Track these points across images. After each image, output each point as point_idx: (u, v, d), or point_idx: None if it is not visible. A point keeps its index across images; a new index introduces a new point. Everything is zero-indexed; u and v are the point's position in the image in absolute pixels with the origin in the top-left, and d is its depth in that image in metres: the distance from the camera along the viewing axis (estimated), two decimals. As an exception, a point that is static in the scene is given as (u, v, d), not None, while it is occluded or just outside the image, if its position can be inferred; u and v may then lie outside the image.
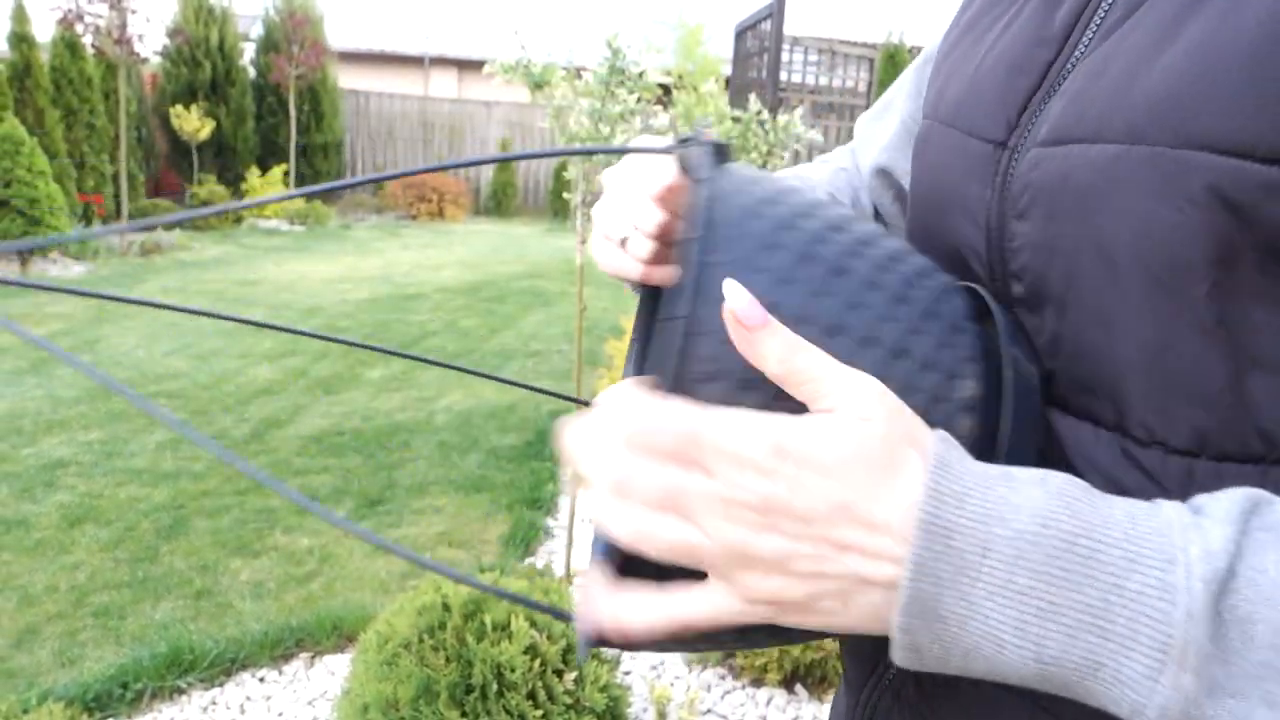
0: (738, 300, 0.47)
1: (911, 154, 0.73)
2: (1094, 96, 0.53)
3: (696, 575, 0.47)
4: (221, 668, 2.88)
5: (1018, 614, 0.42)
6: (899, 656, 0.46)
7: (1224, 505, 0.44)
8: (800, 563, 0.45)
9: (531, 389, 0.54)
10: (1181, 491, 0.50)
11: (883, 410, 0.46)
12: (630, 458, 0.46)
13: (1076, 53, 0.56)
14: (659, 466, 0.46)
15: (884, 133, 0.88)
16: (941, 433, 0.46)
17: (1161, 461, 0.51)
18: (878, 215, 0.90)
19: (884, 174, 0.88)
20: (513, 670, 2.08)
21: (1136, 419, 0.52)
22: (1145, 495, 0.50)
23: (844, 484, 0.45)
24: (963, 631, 0.44)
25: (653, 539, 0.46)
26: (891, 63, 13.25)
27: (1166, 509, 0.44)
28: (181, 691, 2.79)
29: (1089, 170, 0.51)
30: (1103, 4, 0.56)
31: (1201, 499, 0.45)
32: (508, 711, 2.06)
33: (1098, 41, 0.55)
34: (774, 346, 0.47)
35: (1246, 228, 0.46)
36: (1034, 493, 0.44)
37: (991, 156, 0.60)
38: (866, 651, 0.69)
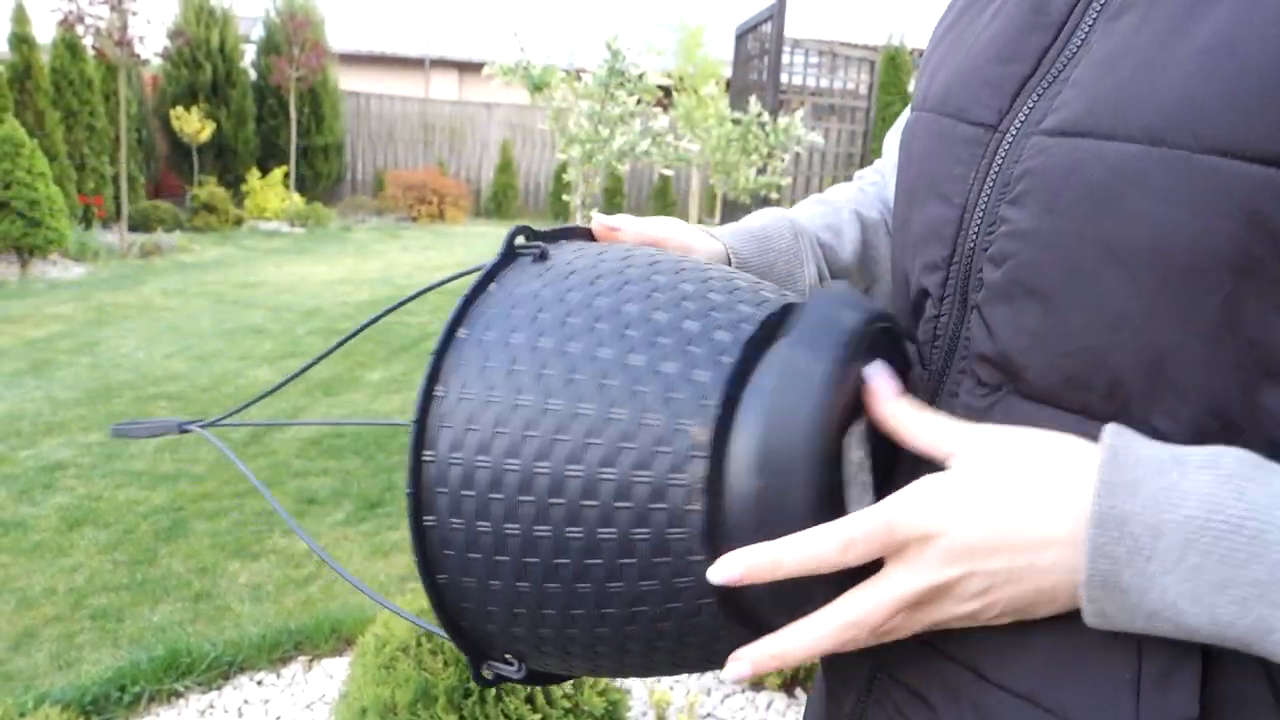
0: (878, 379, 0.55)
1: (899, 150, 0.72)
2: (1106, 91, 0.51)
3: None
4: (219, 671, 2.87)
5: (1192, 587, 0.46)
6: (1089, 618, 0.50)
7: None
8: (1001, 591, 0.52)
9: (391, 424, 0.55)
10: None
11: (1015, 446, 0.52)
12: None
13: (1075, 39, 0.55)
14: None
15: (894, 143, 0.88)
16: (1115, 426, 0.50)
17: None
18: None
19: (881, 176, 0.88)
20: (511, 674, 2.07)
21: (1138, 416, 0.51)
22: None
23: (1008, 525, 0.50)
24: (1143, 600, 0.48)
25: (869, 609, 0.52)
26: (892, 65, 13.25)
27: None
28: (179, 694, 2.78)
29: (1101, 166, 0.50)
30: None
31: None
32: (505, 715, 2.05)
33: (1100, 29, 0.54)
34: (898, 402, 0.55)
35: (1270, 237, 0.46)
36: (1203, 477, 0.47)
37: (980, 140, 0.59)
38: (850, 661, 0.68)
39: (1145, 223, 0.48)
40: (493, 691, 2.05)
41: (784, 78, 8.27)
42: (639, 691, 2.78)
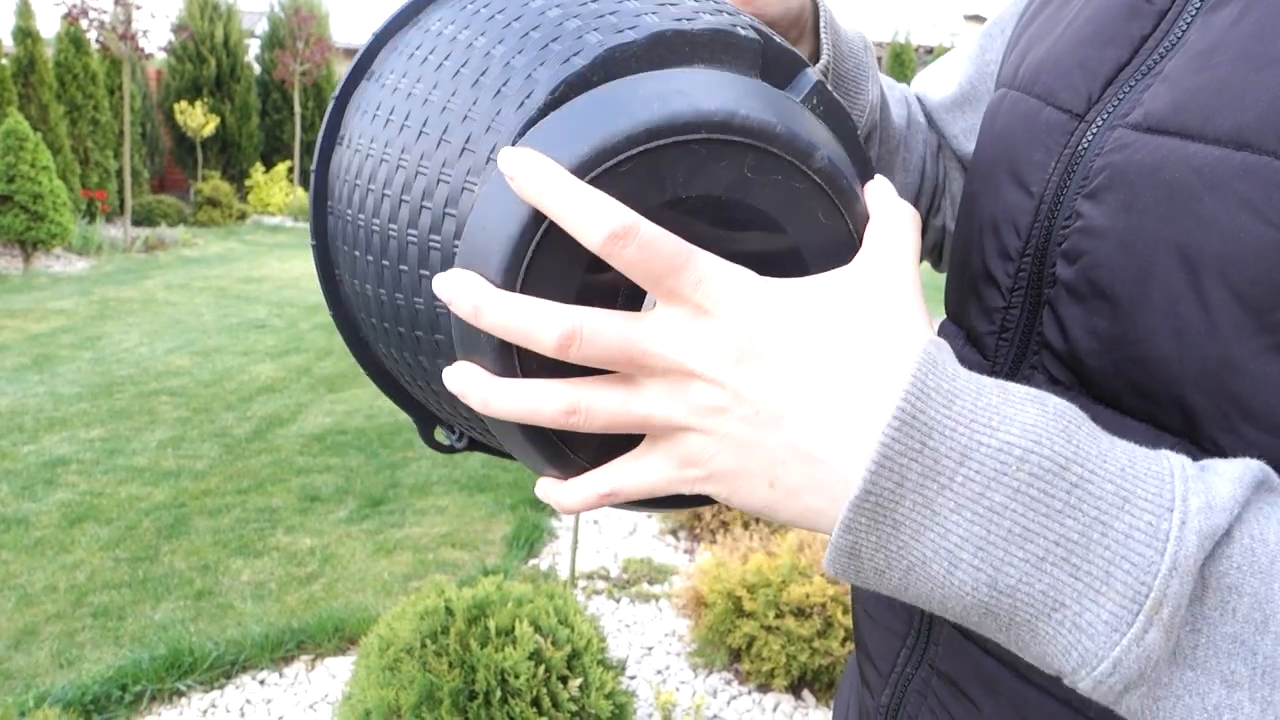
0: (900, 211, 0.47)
1: (980, 126, 0.69)
2: (1197, 87, 0.49)
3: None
4: (221, 670, 2.85)
5: (983, 532, 0.38)
6: (830, 560, 0.41)
7: (1235, 468, 0.40)
8: (737, 423, 0.41)
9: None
10: None
11: (889, 278, 0.44)
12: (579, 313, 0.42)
13: (1175, 29, 0.52)
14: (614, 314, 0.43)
15: (940, 67, 0.85)
16: (936, 338, 0.42)
17: None
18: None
19: (918, 100, 0.86)
20: (517, 677, 2.05)
21: (1205, 433, 0.48)
22: None
23: (814, 343, 0.41)
24: (915, 541, 0.39)
25: (593, 412, 0.43)
26: (898, 61, 13.24)
27: (1171, 457, 0.40)
28: (181, 694, 2.76)
29: (1184, 168, 0.47)
30: None
31: (1210, 461, 0.42)
32: (512, 719, 2.03)
33: (1200, 21, 0.51)
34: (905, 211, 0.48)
35: None
36: (1029, 409, 0.39)
37: (1064, 128, 0.56)
38: (888, 653, 0.67)
39: (1218, 230, 0.46)
40: (498, 694, 2.03)
41: (790, 74, 8.25)
42: (645, 693, 2.76)
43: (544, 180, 0.40)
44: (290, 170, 14.45)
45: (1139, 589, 0.37)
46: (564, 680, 2.13)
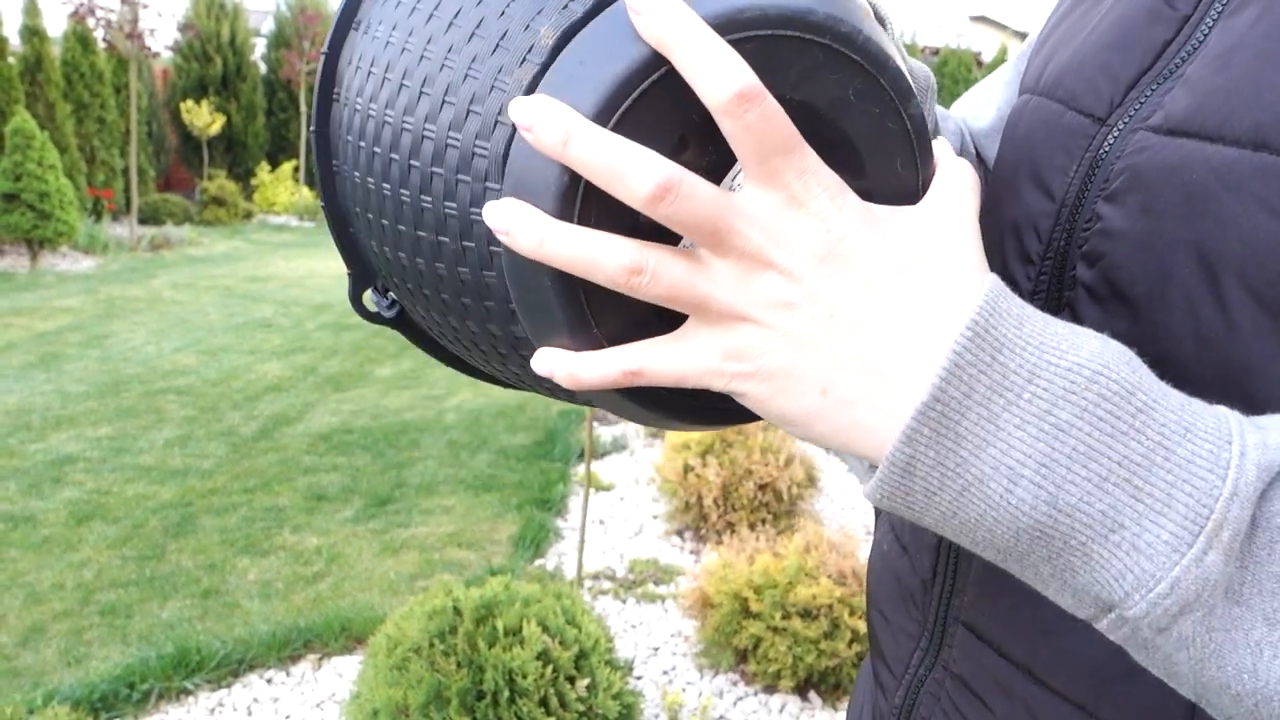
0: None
1: (1003, 132, 0.69)
2: (1216, 89, 0.49)
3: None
4: (229, 669, 2.85)
5: (1048, 449, 0.38)
6: (881, 479, 0.40)
7: None
8: (803, 321, 0.41)
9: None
10: None
11: (969, 215, 0.45)
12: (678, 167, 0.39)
13: (1197, 34, 0.52)
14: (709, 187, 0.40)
15: (976, 93, 0.85)
16: (995, 275, 0.43)
17: None
18: None
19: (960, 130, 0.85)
20: (524, 677, 2.05)
21: None
22: None
23: (898, 257, 0.42)
24: (975, 457, 0.39)
25: (659, 276, 0.41)
26: (904, 62, 13.19)
27: (1223, 407, 0.41)
28: (188, 693, 2.76)
29: (1203, 169, 0.47)
30: None
31: (1258, 417, 0.42)
32: (519, 718, 2.03)
33: (1220, 25, 0.51)
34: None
35: None
36: (1094, 340, 0.40)
37: (1086, 132, 0.56)
38: (902, 654, 0.67)
39: (1237, 230, 0.46)
40: (506, 694, 2.03)
41: (796, 75, 8.25)
42: (651, 694, 2.76)
43: (678, 21, 0.38)
44: (296, 169, 14.46)
45: (1201, 511, 0.37)
46: (571, 680, 2.13)
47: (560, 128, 0.39)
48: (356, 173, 0.50)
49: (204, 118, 13.52)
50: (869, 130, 0.44)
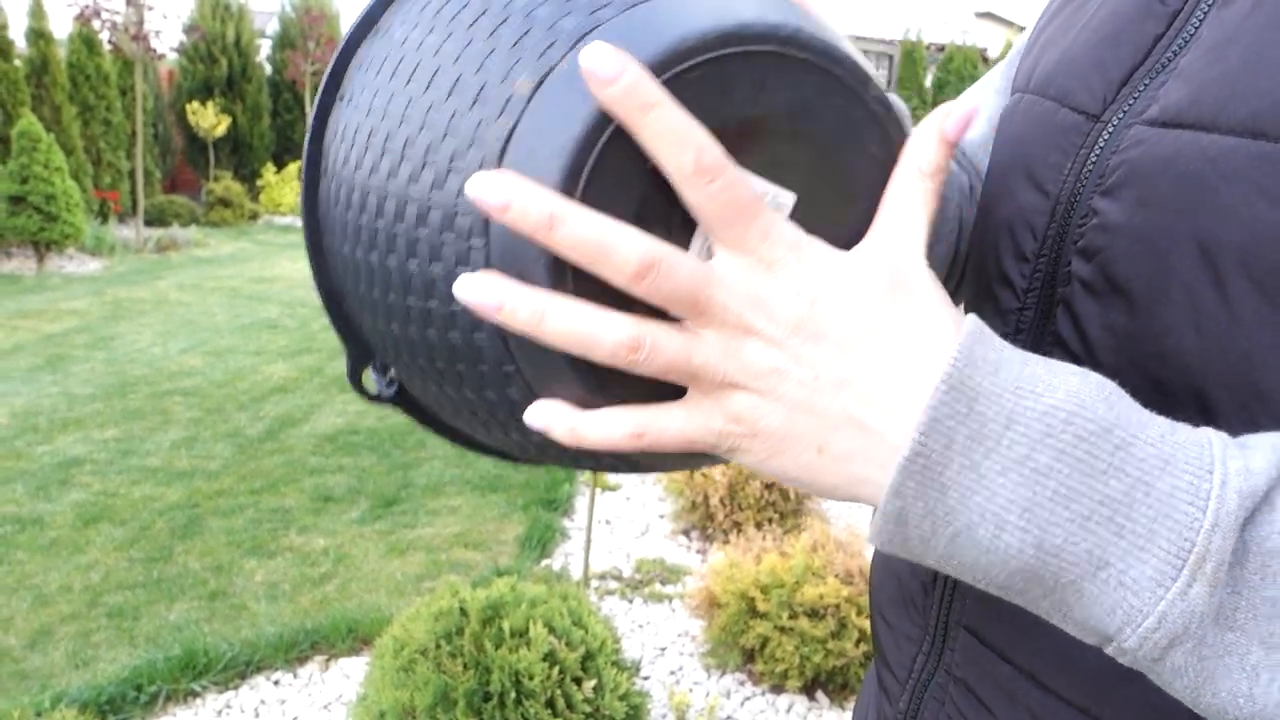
0: (962, 107, 0.46)
1: (995, 129, 0.69)
2: (1211, 79, 0.49)
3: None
4: (236, 670, 2.85)
5: (1030, 494, 0.39)
6: (877, 529, 0.42)
7: (1270, 438, 0.41)
8: (792, 386, 0.41)
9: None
10: None
11: (922, 264, 0.44)
12: (658, 244, 0.40)
13: (1188, 27, 0.52)
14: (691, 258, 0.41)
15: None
16: (973, 316, 0.43)
17: None
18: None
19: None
20: (531, 678, 2.05)
21: (1225, 428, 0.47)
22: None
23: (869, 314, 0.42)
24: (962, 506, 0.40)
25: (657, 352, 0.41)
26: (910, 59, 13.19)
27: (1208, 430, 0.41)
28: (196, 694, 2.76)
29: (1200, 159, 0.47)
30: None
31: (1246, 436, 0.42)
32: (525, 719, 2.03)
33: (1212, 17, 0.51)
34: (944, 154, 0.46)
35: None
36: (1071, 378, 0.40)
37: (1080, 128, 0.56)
38: (905, 659, 0.67)
39: (1237, 219, 0.46)
40: (513, 695, 2.03)
41: (801, 73, 8.25)
42: (659, 694, 2.76)
43: (634, 91, 0.38)
44: (301, 170, 14.47)
45: (1183, 545, 0.38)
46: (578, 681, 2.12)
47: (542, 209, 0.39)
48: (345, 246, 0.50)
49: (209, 119, 13.54)
50: (836, 123, 0.44)
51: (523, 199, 0.38)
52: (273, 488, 4.26)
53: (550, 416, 0.43)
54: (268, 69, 15.28)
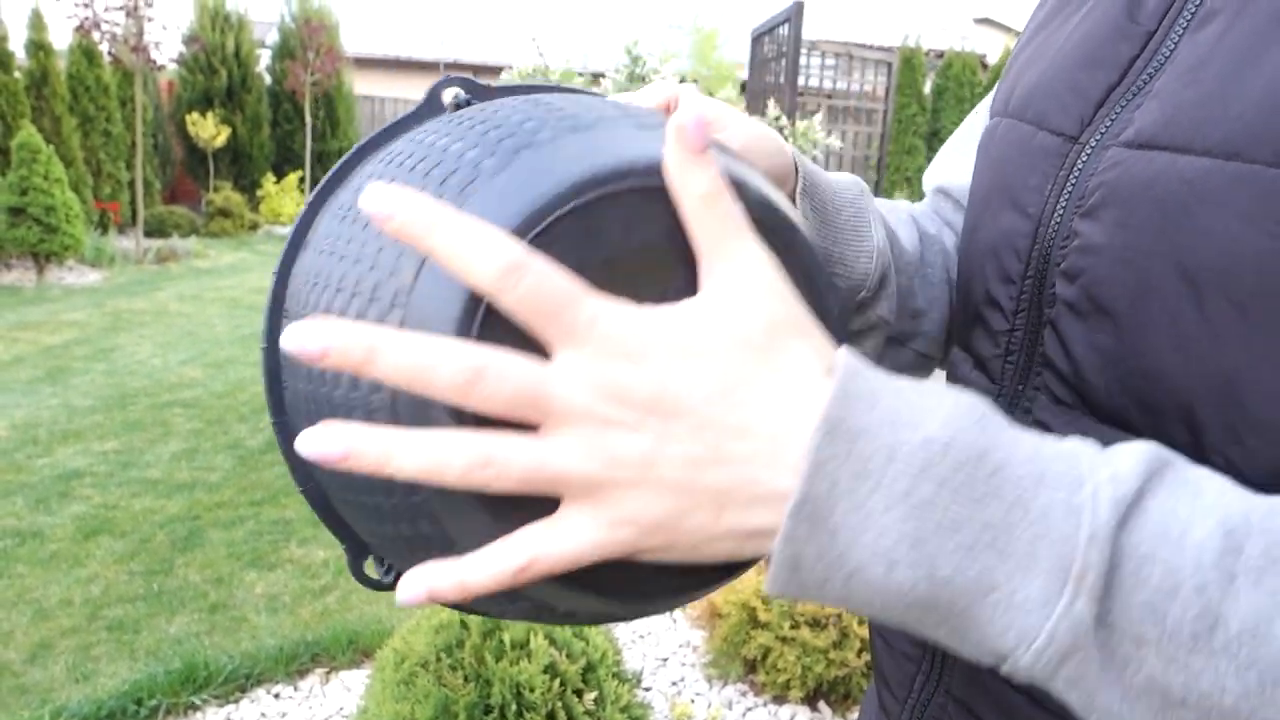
0: (688, 112, 0.42)
1: (975, 155, 0.69)
2: (1186, 102, 0.49)
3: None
4: (236, 684, 2.85)
5: (916, 527, 0.39)
6: (773, 576, 0.41)
7: (1137, 446, 0.42)
8: (668, 468, 0.40)
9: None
10: None
11: (776, 293, 0.43)
12: (474, 349, 0.39)
13: (1164, 49, 0.53)
14: (516, 357, 0.39)
15: (956, 151, 0.85)
16: (846, 346, 0.43)
17: None
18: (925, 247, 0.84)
19: (944, 193, 0.84)
20: (532, 690, 2.04)
21: (1211, 445, 0.49)
22: None
23: (722, 374, 0.40)
24: (854, 546, 0.39)
25: (508, 465, 0.39)
26: (909, 66, 13.21)
27: (1076, 441, 0.42)
28: (196, 708, 2.75)
29: (1177, 181, 0.48)
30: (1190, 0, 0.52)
31: (1116, 445, 0.43)
32: (527, 733, 2.02)
33: (1187, 39, 0.51)
34: (707, 174, 0.42)
35: None
36: (944, 402, 0.41)
37: (1059, 151, 0.57)
38: (904, 679, 0.67)
39: (1214, 241, 0.46)
40: (514, 708, 2.02)
41: (800, 80, 8.24)
42: (660, 705, 2.75)
43: (415, 217, 0.39)
44: (301, 180, 14.50)
45: (1063, 562, 0.38)
46: (579, 694, 2.12)
47: (362, 344, 0.38)
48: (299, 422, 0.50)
49: (209, 130, 13.56)
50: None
51: (339, 340, 0.38)
52: (273, 499, 4.25)
53: (428, 580, 0.41)
54: (267, 79, 15.30)
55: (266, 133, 14.93)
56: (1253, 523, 0.39)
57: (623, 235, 0.42)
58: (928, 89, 14.27)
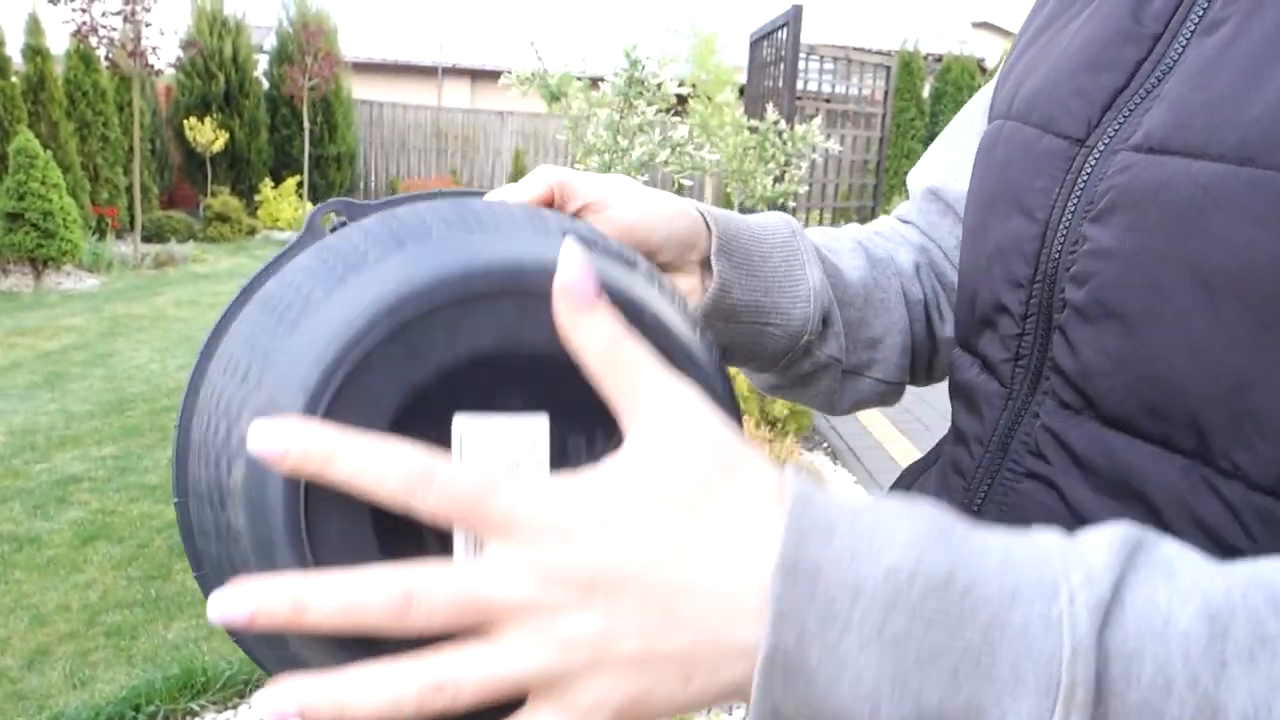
0: (570, 268, 0.40)
1: (976, 159, 0.68)
2: (1199, 106, 0.49)
3: None
4: (234, 689, 2.84)
5: (894, 665, 0.36)
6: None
7: (1106, 532, 0.40)
8: (624, 641, 0.38)
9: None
10: (1260, 527, 0.47)
11: (703, 432, 0.41)
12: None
13: (1171, 52, 0.53)
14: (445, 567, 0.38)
15: (946, 153, 0.84)
16: (793, 468, 0.40)
17: (1244, 495, 0.48)
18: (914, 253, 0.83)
19: (934, 195, 0.83)
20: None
21: (1219, 450, 0.48)
22: (1223, 527, 0.48)
23: (658, 536, 0.38)
24: (832, 692, 0.37)
25: (461, 684, 0.37)
26: (908, 70, 13.21)
27: (1043, 535, 0.40)
28: (194, 714, 2.75)
29: (1190, 186, 0.48)
30: (1199, 2, 0.52)
31: (1081, 531, 0.41)
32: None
33: (1195, 42, 0.51)
34: (602, 326, 0.40)
35: None
36: (903, 523, 0.38)
37: (1066, 154, 0.56)
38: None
39: (1229, 246, 0.46)
40: (514, 715, 2.01)
41: (799, 84, 8.24)
42: (661, 710, 2.74)
43: (307, 448, 0.37)
44: (299, 185, 14.49)
45: (1049, 681, 0.36)
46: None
47: (283, 600, 0.37)
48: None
49: (207, 134, 13.55)
50: (535, 331, 0.42)
51: (263, 599, 0.37)
52: (271, 504, 4.24)
53: (296, 696, 0.37)
54: (265, 84, 15.30)
55: (264, 138, 14.93)
56: (1235, 602, 0.37)
57: (447, 348, 0.40)
58: (926, 93, 14.30)
